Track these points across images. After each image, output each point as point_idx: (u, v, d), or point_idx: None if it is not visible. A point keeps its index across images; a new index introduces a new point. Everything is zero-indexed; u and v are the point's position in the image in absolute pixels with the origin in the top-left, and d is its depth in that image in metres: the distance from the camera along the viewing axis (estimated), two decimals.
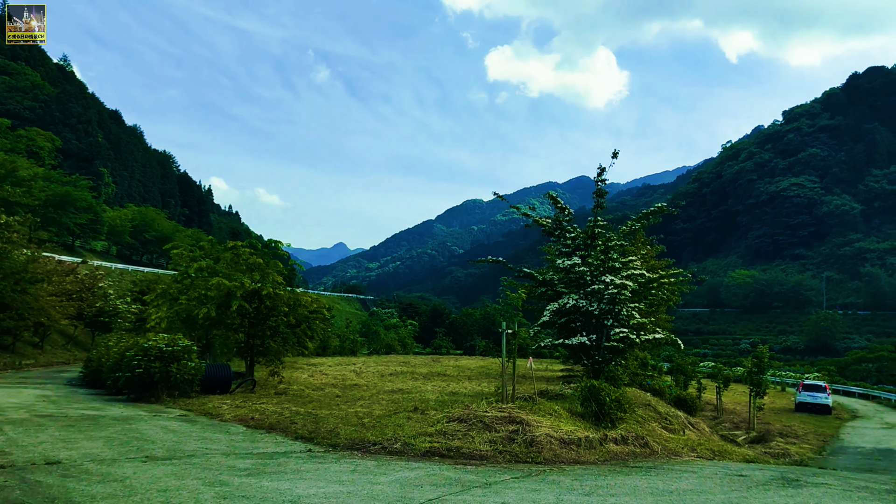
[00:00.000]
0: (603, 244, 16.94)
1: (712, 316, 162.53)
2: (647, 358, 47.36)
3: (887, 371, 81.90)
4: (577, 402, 14.52)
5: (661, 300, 21.04)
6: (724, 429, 29.27)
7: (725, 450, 15.74)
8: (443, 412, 12.79)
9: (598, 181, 16.24)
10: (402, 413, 13.47)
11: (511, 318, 12.66)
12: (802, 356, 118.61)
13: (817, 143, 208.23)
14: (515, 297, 12.23)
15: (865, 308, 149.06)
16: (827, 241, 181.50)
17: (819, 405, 40.32)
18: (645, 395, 22.52)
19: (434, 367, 43.39)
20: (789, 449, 23.72)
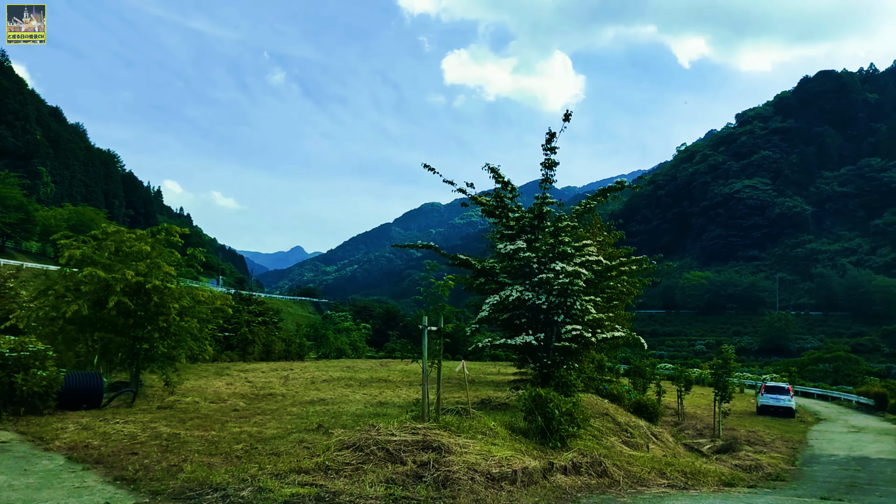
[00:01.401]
0: (552, 225, 14.33)
1: (668, 317, 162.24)
2: (605, 360, 45.31)
3: (843, 371, 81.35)
4: (520, 416, 11.85)
5: (620, 293, 18.49)
6: (688, 436, 26.94)
7: (697, 470, 13.19)
8: (349, 432, 9.97)
9: (547, 149, 13.63)
10: (297, 434, 10.65)
11: (436, 312, 10.06)
12: (757, 357, 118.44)
13: (769, 145, 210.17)
14: (440, 284, 9.82)
15: (817, 308, 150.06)
16: (779, 243, 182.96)
17: (782, 408, 38.47)
18: (602, 403, 19.97)
19: (379, 371, 40.47)
20: (760, 460, 21.40)
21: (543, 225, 14.20)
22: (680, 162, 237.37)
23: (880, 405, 44.96)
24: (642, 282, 19.89)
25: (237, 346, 47.32)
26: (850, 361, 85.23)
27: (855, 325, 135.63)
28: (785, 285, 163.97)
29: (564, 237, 14.09)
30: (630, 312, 25.21)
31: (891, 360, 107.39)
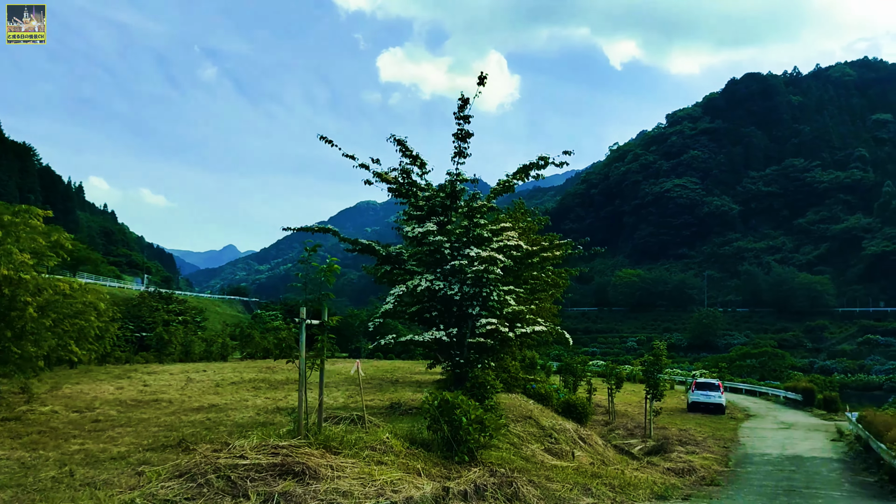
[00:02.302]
0: (467, 206, 12.67)
1: (600, 315, 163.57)
2: (536, 357, 44.16)
3: (769, 367, 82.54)
4: (424, 424, 10.14)
5: (544, 284, 16.96)
6: (619, 437, 25.73)
7: (627, 482, 11.72)
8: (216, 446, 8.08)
9: (460, 118, 11.96)
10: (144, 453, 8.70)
11: (318, 301, 8.37)
12: (686, 353, 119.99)
13: (698, 145, 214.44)
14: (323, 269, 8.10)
15: (744, 305, 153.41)
16: (708, 241, 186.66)
17: (713, 405, 37.93)
18: (527, 404, 18.44)
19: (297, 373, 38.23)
20: (693, 462, 20.24)
21: (457, 205, 12.53)
22: (612, 161, 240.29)
23: (808, 400, 44.99)
24: (569, 272, 18.42)
25: (154, 346, 44.75)
26: (775, 357, 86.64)
27: (779, 322, 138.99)
28: (713, 283, 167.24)
29: (480, 219, 12.44)
30: (557, 306, 23.78)
31: (813, 355, 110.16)
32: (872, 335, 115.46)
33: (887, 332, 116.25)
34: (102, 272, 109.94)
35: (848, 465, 21.43)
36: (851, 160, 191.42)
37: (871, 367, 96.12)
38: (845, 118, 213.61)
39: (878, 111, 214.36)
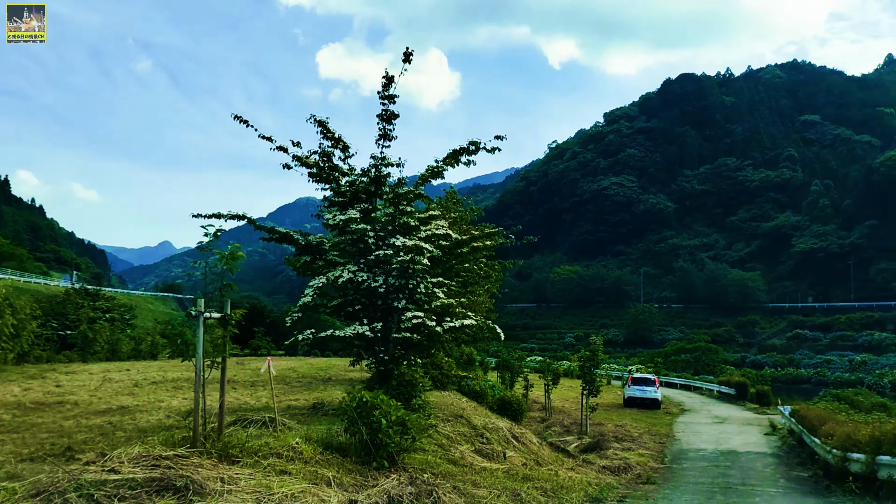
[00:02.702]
0: (392, 192, 11.87)
1: (539, 311, 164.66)
2: (474, 354, 43.66)
3: (703, 361, 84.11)
4: (342, 427, 9.32)
5: (477, 277, 16.26)
6: (555, 434, 25.32)
7: (560, 484, 11.11)
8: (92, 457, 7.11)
9: (385, 98, 11.16)
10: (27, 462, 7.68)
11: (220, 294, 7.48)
12: (623, 348, 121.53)
13: (635, 144, 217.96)
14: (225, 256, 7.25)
15: (678, 301, 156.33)
16: (644, 238, 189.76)
17: (649, 400, 38.10)
18: (459, 403, 17.78)
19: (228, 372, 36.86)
20: (629, 459, 19.89)
21: (382, 192, 11.73)
22: (551, 159, 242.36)
23: (741, 394, 45.62)
24: (503, 265, 17.77)
25: (78, 345, 42.77)
26: (709, 351, 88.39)
27: (713, 317, 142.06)
28: (649, 279, 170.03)
29: (406, 206, 11.65)
30: (491, 300, 23.17)
31: (745, 350, 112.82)
32: (801, 330, 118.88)
33: (815, 327, 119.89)
34: (28, 269, 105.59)
35: (782, 459, 21.40)
36: (781, 160, 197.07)
37: (800, 361, 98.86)
38: (775, 119, 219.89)
39: (807, 112, 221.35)
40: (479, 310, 18.38)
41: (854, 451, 13.21)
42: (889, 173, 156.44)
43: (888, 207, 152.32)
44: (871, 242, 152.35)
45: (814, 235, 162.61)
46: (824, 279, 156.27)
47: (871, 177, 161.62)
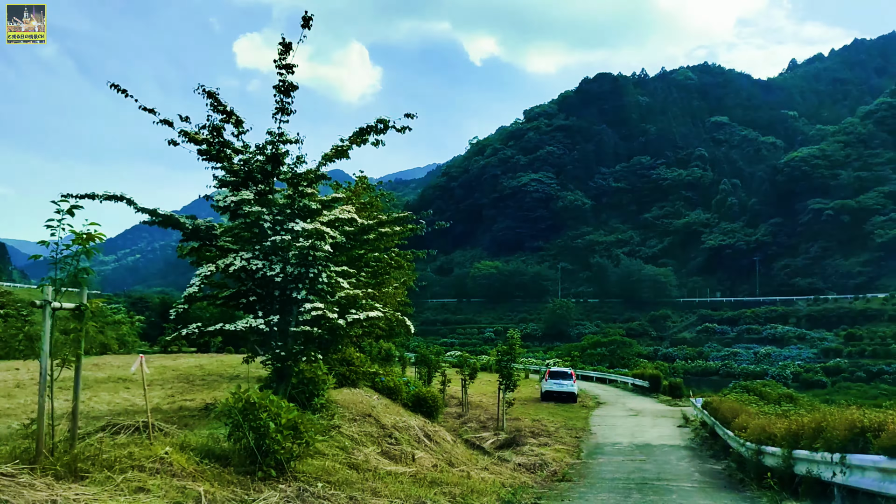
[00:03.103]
0: (290, 171, 10.88)
1: (459, 306, 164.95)
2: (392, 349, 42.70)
3: (618, 355, 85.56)
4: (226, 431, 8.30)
5: (387, 266, 15.36)
6: (471, 430, 24.72)
7: (471, 488, 10.38)
8: None
9: (282, 67, 10.16)
10: None
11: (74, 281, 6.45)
12: (541, 342, 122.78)
13: (554, 141, 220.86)
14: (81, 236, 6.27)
15: (595, 296, 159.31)
16: (562, 234, 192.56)
17: (566, 393, 38.12)
18: (370, 400, 16.86)
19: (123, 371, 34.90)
20: (545, 455, 19.44)
21: (279, 171, 10.71)
22: (472, 155, 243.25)
23: (654, 387, 46.24)
24: (416, 254, 16.94)
25: None
26: (624, 345, 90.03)
27: (627, 311, 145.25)
28: (567, 274, 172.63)
29: (307, 188, 10.68)
30: (406, 294, 22.35)
31: (657, 343, 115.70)
32: (710, 323, 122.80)
33: (723, 321, 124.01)
34: None
35: (695, 452, 21.37)
36: (692, 159, 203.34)
37: (709, 353, 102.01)
38: (687, 119, 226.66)
39: (716, 114, 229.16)
40: (392, 302, 17.48)
41: (769, 445, 12.96)
42: (792, 174, 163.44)
43: (791, 206, 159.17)
44: (774, 240, 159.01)
45: (722, 233, 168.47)
46: (732, 275, 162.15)
47: (776, 177, 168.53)
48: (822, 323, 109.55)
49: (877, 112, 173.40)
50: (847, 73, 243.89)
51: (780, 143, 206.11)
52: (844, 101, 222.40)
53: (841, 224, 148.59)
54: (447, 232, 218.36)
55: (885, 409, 8.24)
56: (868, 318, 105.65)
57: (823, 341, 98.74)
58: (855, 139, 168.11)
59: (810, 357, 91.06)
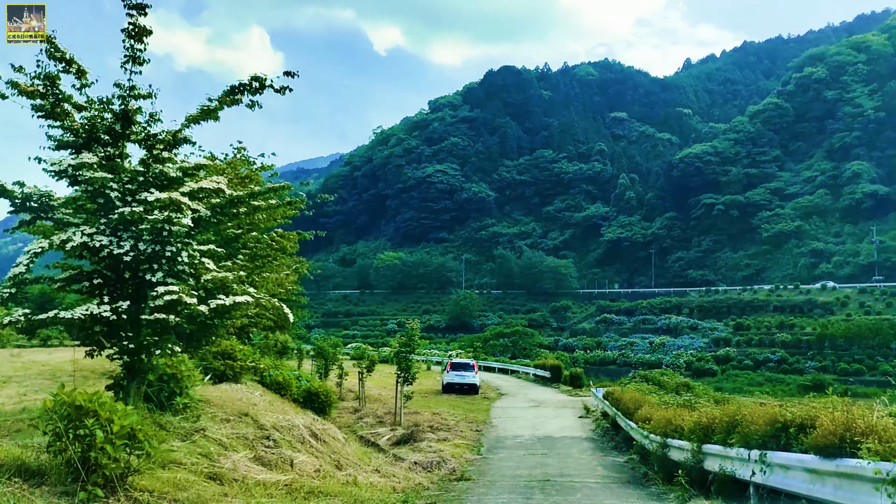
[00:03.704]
0: (143, 133, 9.30)
1: (362, 297, 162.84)
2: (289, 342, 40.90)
3: (520, 345, 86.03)
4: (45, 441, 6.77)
5: (267, 248, 13.84)
6: (366, 426, 23.42)
7: (357, 497, 9.13)
8: None
9: (133, 8, 8.59)
10: None
11: None
12: (444, 333, 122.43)
13: (459, 133, 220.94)
14: None
15: (498, 287, 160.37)
16: (466, 226, 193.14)
17: (467, 385, 37.34)
18: (252, 397, 15.36)
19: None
20: (443, 451, 18.39)
21: (131, 132, 9.13)
22: (376, 144, 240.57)
23: (555, 377, 46.20)
24: (302, 235, 15.48)
25: None
26: (526, 335, 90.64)
27: (529, 303, 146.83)
28: (470, 266, 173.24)
29: (163, 152, 9.13)
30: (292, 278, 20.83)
31: (558, 334, 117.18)
32: (608, 314, 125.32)
33: (620, 312, 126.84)
34: None
35: (597, 444, 20.84)
36: (593, 153, 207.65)
37: (607, 343, 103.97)
38: (588, 114, 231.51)
39: (616, 109, 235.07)
40: (275, 289, 15.97)
41: (676, 438, 12.29)
42: (686, 169, 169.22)
43: (685, 201, 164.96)
44: (669, 233, 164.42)
45: (620, 226, 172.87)
46: (629, 267, 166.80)
47: (671, 172, 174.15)
48: (712, 313, 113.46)
49: (764, 112, 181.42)
50: (737, 73, 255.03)
51: (676, 139, 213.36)
52: (735, 100, 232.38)
53: (731, 218, 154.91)
54: (350, 223, 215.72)
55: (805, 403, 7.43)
56: (755, 308, 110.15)
57: (714, 331, 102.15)
58: (744, 137, 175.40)
59: (702, 346, 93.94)
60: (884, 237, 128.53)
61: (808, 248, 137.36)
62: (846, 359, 75.35)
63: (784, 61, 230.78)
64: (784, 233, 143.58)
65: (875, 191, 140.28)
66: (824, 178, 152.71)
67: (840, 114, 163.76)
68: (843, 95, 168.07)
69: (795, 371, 75.69)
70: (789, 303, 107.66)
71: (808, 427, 6.72)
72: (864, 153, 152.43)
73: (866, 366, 73.04)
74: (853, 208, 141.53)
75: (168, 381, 9.93)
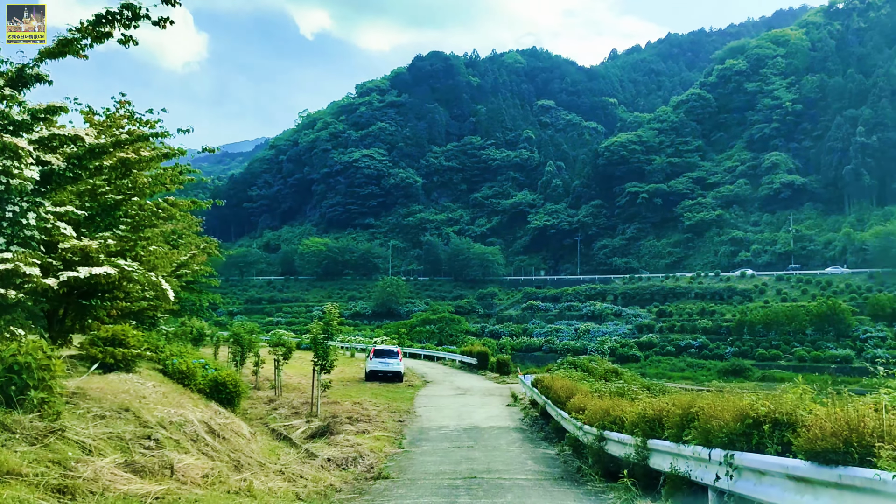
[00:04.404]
0: None
1: (286, 284, 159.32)
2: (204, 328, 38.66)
3: (446, 332, 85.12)
4: None
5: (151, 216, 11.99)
6: (281, 417, 21.73)
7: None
8: None
9: None
10: None
11: None
12: (370, 320, 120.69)
13: (386, 118, 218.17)
14: None
15: (425, 274, 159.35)
16: (393, 212, 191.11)
17: (391, 373, 35.95)
18: (142, 389, 13.53)
19: None
20: (362, 444, 16.94)
21: None
22: (302, 128, 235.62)
23: (482, 364, 45.25)
24: (198, 203, 13.66)
25: None
26: (452, 322, 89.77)
27: (456, 289, 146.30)
28: (397, 252, 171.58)
29: (4, 89, 7.38)
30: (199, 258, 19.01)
31: (485, 321, 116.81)
32: (535, 301, 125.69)
33: (546, 299, 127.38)
34: None
35: (526, 434, 19.74)
36: (520, 141, 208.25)
37: (533, 330, 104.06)
38: (516, 102, 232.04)
39: (543, 97, 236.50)
40: (164, 265, 14.12)
41: (615, 431, 11.18)
42: (611, 158, 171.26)
43: (610, 189, 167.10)
44: (595, 221, 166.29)
45: (547, 213, 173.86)
46: (555, 254, 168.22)
47: (597, 160, 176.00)
48: (636, 300, 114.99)
49: (687, 102, 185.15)
50: (661, 65, 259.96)
51: (601, 128, 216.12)
52: (659, 91, 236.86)
53: (654, 207, 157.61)
54: (275, 208, 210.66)
55: (776, 394, 6.28)
56: (677, 295, 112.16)
57: (638, 317, 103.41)
58: (668, 127, 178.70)
59: (626, 333, 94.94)
60: (799, 226, 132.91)
61: (728, 236, 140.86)
62: (764, 344, 77.06)
63: (706, 53, 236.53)
64: (705, 221, 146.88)
65: (792, 181, 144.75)
66: (744, 168, 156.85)
67: (760, 105, 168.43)
68: (762, 88, 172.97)
69: (716, 356, 77.02)
70: (710, 290, 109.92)
71: (787, 424, 5.57)
72: (781, 144, 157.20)
73: (783, 351, 74.86)
74: (771, 198, 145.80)
75: (19, 371, 8.18)
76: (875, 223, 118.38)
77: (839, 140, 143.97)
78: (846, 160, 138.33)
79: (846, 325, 76.26)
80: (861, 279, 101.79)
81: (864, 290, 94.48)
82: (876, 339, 72.64)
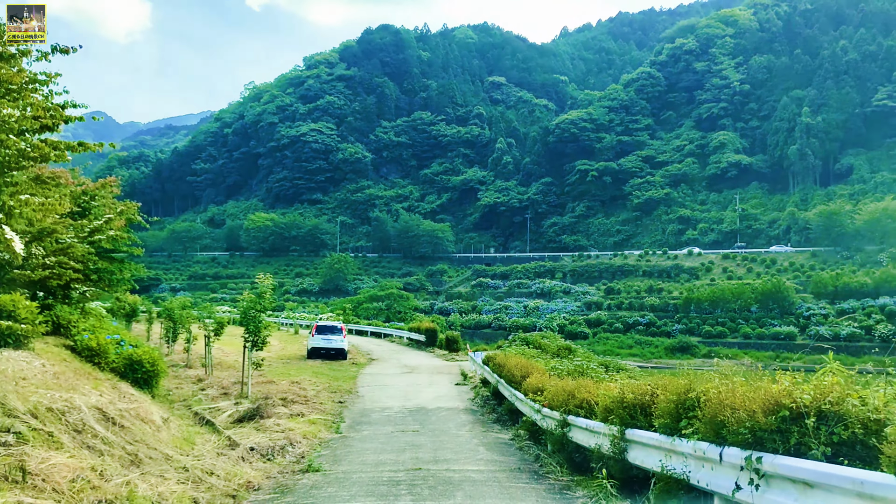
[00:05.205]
0: None
1: (231, 260, 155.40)
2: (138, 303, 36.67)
3: (395, 309, 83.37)
4: None
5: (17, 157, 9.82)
6: (208, 398, 19.73)
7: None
8: None
9: None
10: None
11: None
12: (317, 297, 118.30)
13: (335, 91, 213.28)
14: None
15: (374, 251, 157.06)
16: (341, 187, 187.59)
17: (334, 350, 34.09)
18: (25, 369, 11.49)
19: None
20: (294, 429, 15.13)
21: None
22: (248, 101, 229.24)
23: (430, 341, 43.69)
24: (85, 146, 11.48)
25: None
26: (401, 298, 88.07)
27: (405, 266, 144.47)
28: (346, 228, 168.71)
29: None
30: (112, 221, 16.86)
31: (434, 298, 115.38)
32: (484, 278, 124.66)
33: (496, 276, 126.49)
34: None
35: (477, 416, 18.17)
36: (471, 117, 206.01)
37: (483, 307, 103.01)
38: (467, 77, 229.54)
39: (495, 73, 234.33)
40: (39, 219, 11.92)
41: (582, 417, 9.60)
42: (562, 135, 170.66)
43: (560, 167, 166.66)
44: (545, 198, 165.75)
45: (497, 190, 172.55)
46: (505, 231, 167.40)
47: (547, 138, 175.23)
48: (585, 278, 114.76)
49: (637, 80, 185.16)
50: (612, 43, 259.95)
51: (553, 105, 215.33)
52: (609, 69, 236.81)
53: (604, 185, 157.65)
54: (220, 182, 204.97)
55: (818, 379, 4.66)
56: (625, 273, 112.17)
57: (586, 295, 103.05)
58: (618, 105, 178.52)
59: (574, 310, 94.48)
60: (745, 205, 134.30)
61: (675, 215, 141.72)
62: (710, 322, 77.22)
63: (656, 33, 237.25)
64: (653, 200, 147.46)
65: (739, 161, 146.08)
66: (692, 148, 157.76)
67: (708, 85, 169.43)
68: (711, 67, 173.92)
69: (663, 334, 76.95)
70: (657, 268, 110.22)
71: (833, 418, 3.99)
72: (729, 124, 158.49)
73: (728, 328, 75.11)
74: (718, 177, 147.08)
75: None
76: (818, 202, 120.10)
77: (785, 120, 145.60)
78: (791, 140, 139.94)
79: (790, 302, 76.83)
80: (804, 258, 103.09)
81: (807, 269, 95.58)
82: (818, 317, 73.27)
